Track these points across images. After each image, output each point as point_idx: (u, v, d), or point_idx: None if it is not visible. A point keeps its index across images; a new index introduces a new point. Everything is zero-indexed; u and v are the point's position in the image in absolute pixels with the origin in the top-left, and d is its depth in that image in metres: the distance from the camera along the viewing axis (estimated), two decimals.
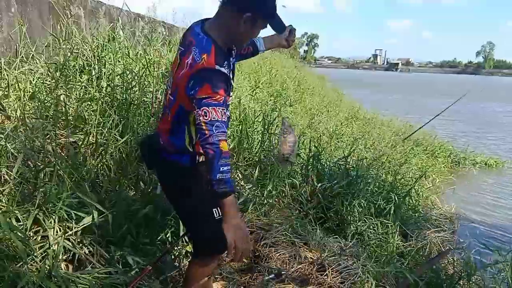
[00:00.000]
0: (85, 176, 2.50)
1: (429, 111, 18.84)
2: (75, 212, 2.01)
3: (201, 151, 1.69)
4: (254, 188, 3.88)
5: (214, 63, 1.65)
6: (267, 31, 1.93)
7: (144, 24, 6.68)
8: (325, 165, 4.64)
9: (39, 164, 2.20)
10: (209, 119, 1.57)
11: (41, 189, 2.04)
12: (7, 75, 3.15)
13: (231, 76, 1.80)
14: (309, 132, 5.72)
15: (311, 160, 4.49)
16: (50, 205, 2.00)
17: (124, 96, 3.38)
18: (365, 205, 4.25)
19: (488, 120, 17.74)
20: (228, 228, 1.59)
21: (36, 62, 3.72)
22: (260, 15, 1.73)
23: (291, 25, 2.16)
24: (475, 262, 3.47)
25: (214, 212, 1.80)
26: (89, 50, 4.18)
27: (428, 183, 6.77)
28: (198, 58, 1.65)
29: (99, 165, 2.84)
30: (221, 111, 1.59)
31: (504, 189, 7.92)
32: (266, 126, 4.44)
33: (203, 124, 1.58)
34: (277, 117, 5.08)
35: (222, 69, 1.67)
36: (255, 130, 4.64)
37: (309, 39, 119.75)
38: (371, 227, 4.10)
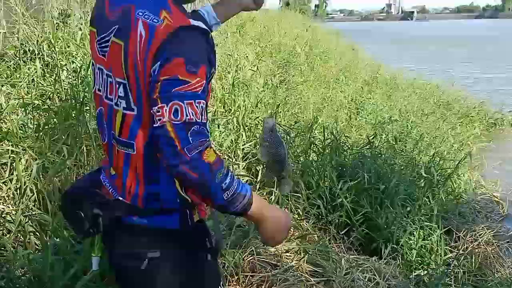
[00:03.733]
0: None
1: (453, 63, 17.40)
2: None
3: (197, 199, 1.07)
4: (259, 193, 3.05)
5: (186, 17, 1.00)
6: None
7: None
8: (346, 154, 3.73)
9: None
10: (181, 120, 0.94)
11: None
12: None
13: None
14: (325, 109, 4.77)
15: (327, 150, 3.60)
16: None
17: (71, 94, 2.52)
18: (399, 203, 3.39)
19: None
20: (273, 233, 1.10)
21: None
22: None
23: None
24: None
25: None
26: (38, 34, 3.30)
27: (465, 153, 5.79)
28: (155, 20, 0.96)
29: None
30: (200, 107, 0.96)
31: None
32: (275, 107, 3.51)
33: (169, 129, 0.93)
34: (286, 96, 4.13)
35: (202, 25, 1.00)
36: (259, 118, 3.74)
37: None
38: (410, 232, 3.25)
